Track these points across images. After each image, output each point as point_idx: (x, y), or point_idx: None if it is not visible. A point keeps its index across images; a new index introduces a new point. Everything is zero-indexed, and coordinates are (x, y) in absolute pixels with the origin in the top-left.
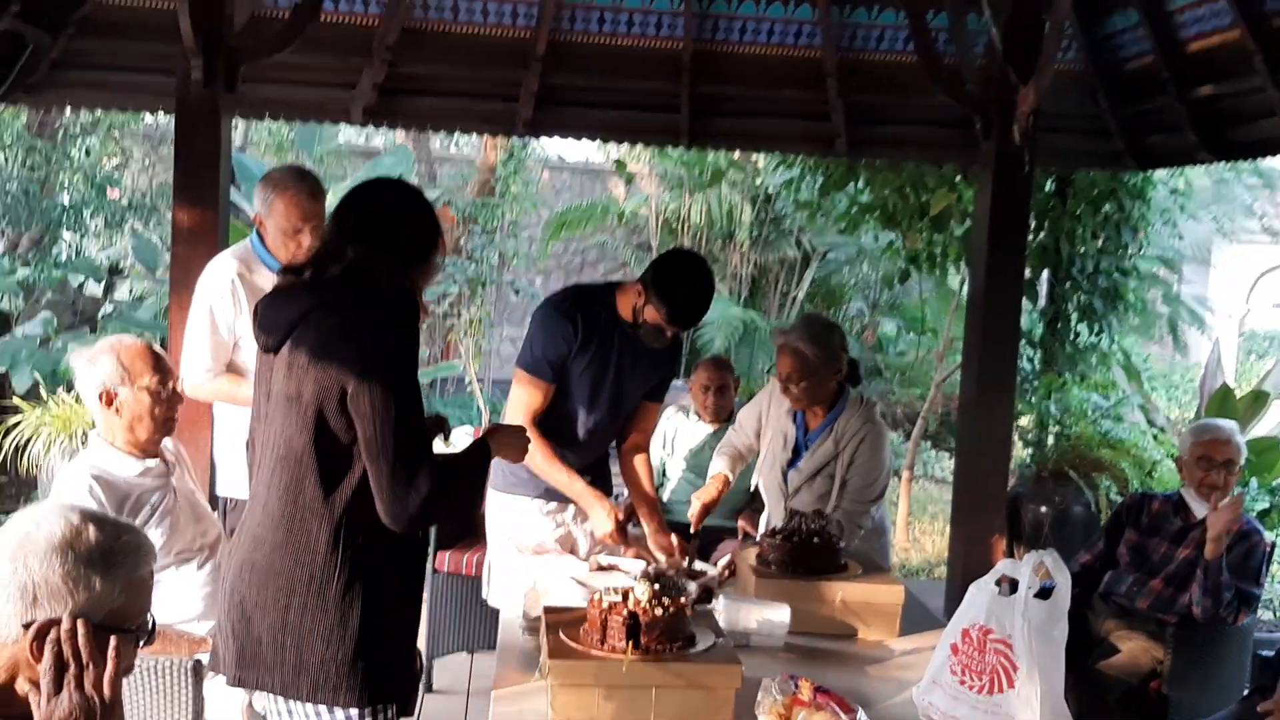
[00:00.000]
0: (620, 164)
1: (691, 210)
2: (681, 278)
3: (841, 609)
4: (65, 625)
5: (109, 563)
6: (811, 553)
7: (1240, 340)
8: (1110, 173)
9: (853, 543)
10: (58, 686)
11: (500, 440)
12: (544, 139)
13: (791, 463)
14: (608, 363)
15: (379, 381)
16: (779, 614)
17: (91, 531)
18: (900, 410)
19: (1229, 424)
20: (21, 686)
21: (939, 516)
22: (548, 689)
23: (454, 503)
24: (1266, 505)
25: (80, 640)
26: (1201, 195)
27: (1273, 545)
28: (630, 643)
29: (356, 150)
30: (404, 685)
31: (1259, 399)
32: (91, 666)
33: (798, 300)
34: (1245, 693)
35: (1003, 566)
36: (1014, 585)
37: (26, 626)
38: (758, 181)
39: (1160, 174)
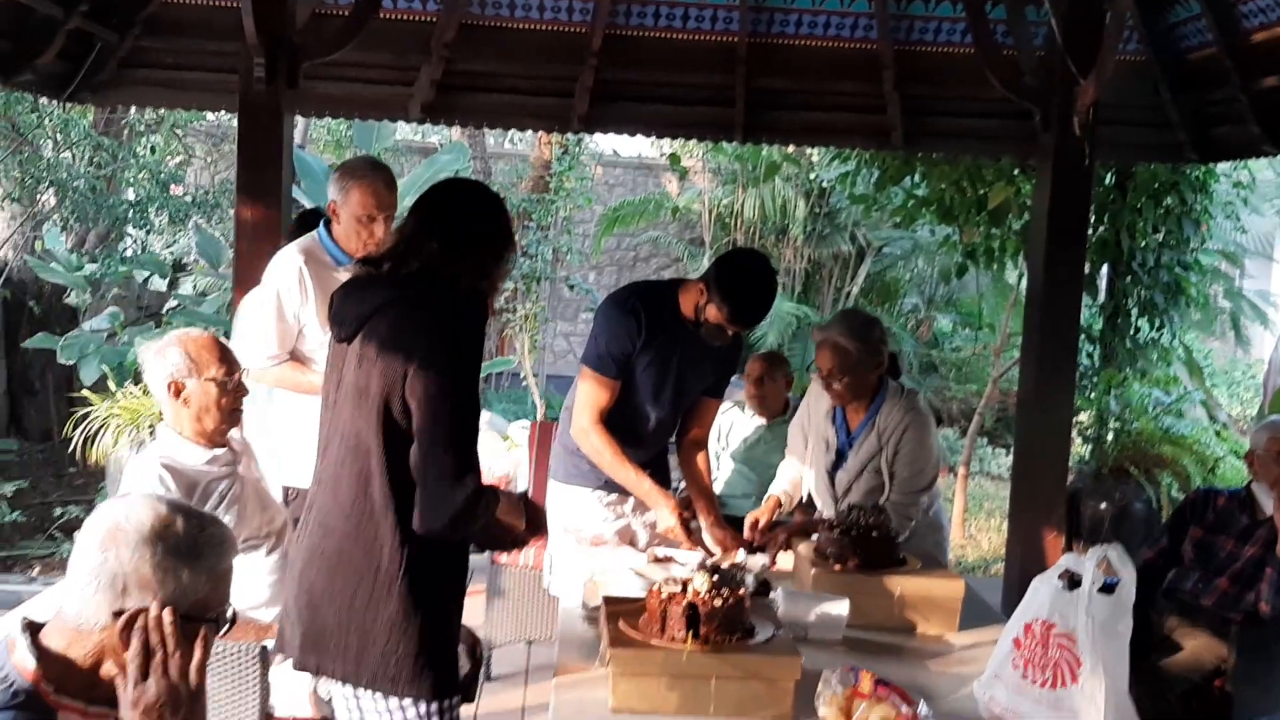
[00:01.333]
0: (674, 158)
1: (745, 205)
2: (744, 278)
3: (900, 603)
4: (153, 613)
5: (196, 554)
6: (869, 546)
7: None
8: (1171, 165)
9: (904, 535)
10: (144, 673)
11: (510, 504)
12: (598, 135)
13: (837, 464)
14: (670, 359)
15: (438, 373)
16: (838, 607)
17: (180, 523)
18: (956, 406)
19: None
20: (108, 672)
21: (995, 513)
22: (609, 677)
23: (481, 520)
24: None
25: (167, 629)
26: (1265, 188)
27: None
28: (690, 633)
29: (413, 147)
30: (464, 677)
31: None
32: (178, 655)
33: (852, 295)
34: None
35: (1066, 561)
36: (1077, 580)
37: (116, 615)
38: (812, 176)
39: (1222, 167)
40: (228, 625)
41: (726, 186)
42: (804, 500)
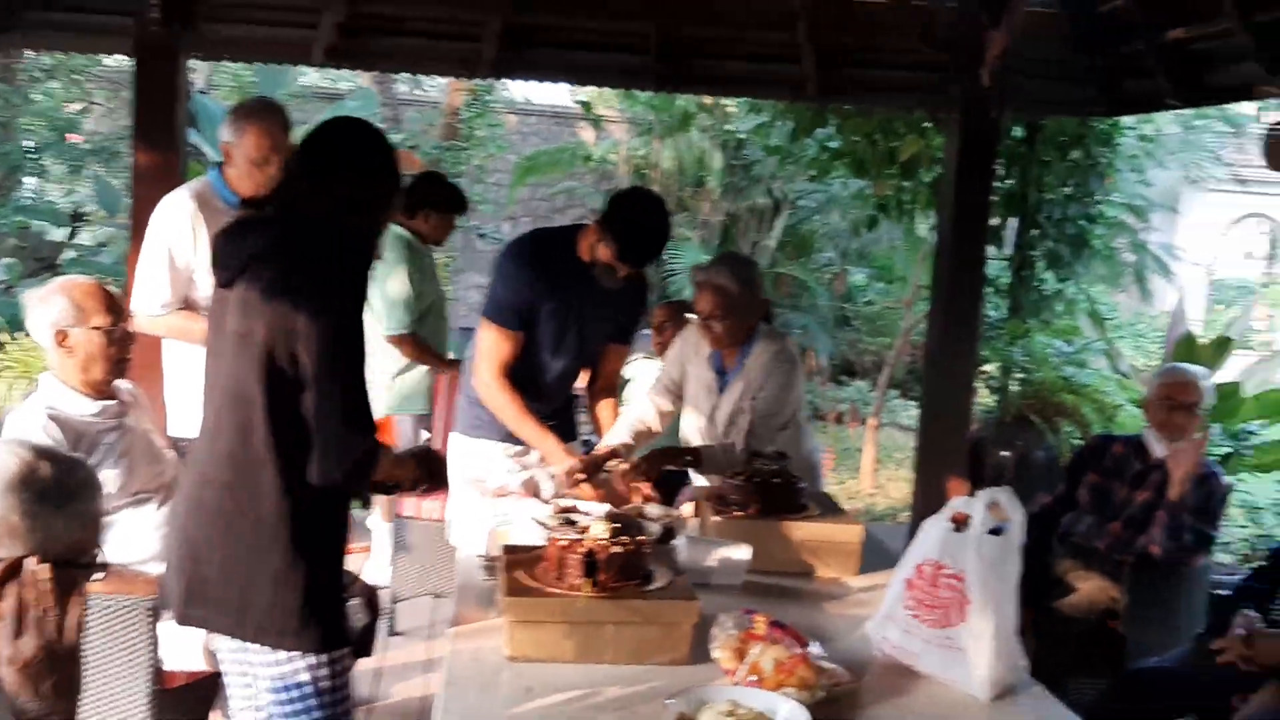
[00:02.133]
0: (586, 106)
1: (661, 156)
2: (633, 215)
3: (801, 548)
4: (27, 567)
5: (64, 498)
6: (771, 492)
7: (1209, 288)
8: (1079, 119)
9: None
10: (19, 630)
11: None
12: (511, 82)
13: (716, 405)
14: (571, 307)
15: (331, 321)
16: (739, 553)
17: (46, 468)
18: (869, 359)
19: (1197, 368)
20: None
21: (905, 463)
22: (505, 626)
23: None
24: (1229, 450)
25: (43, 584)
26: (1170, 143)
27: (1229, 488)
28: (588, 580)
29: (320, 93)
30: (361, 631)
31: (1222, 346)
32: (55, 611)
33: (769, 249)
34: (1200, 631)
35: (956, 503)
36: (967, 522)
37: None
38: (728, 127)
39: (1128, 121)
40: (101, 572)
41: (643, 137)
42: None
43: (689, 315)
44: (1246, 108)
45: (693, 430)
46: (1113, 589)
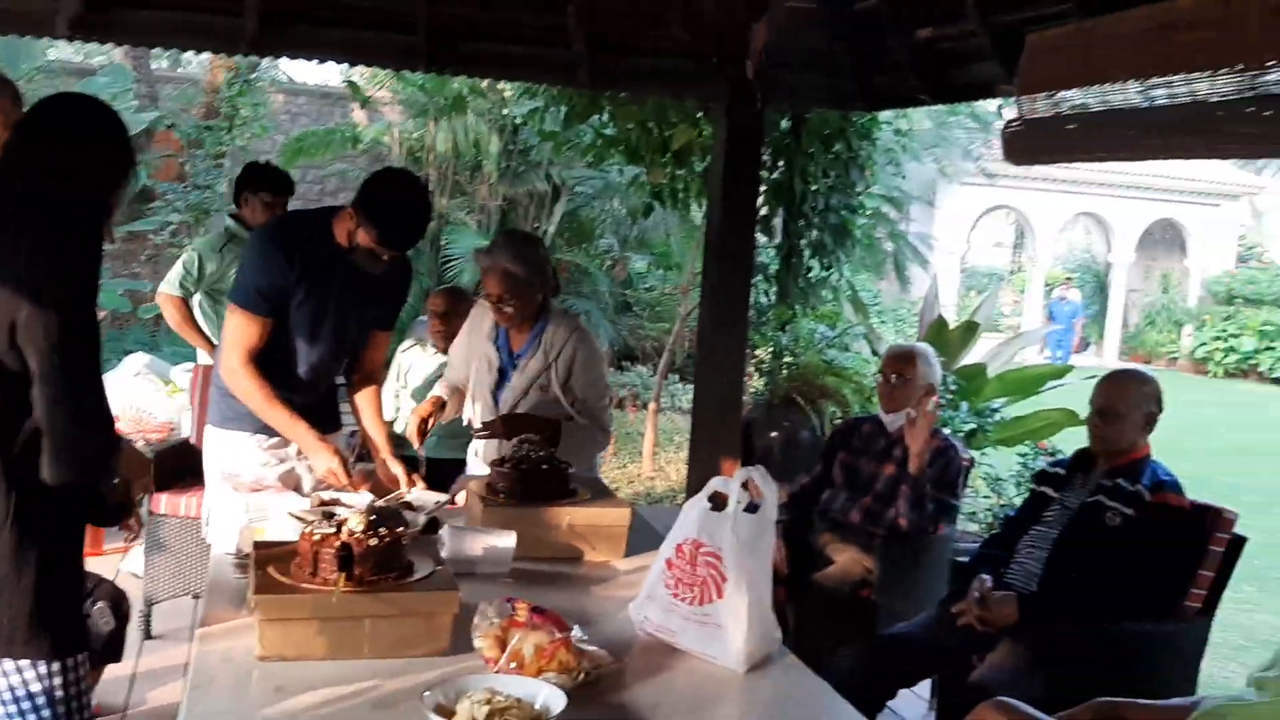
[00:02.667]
0: (354, 86)
1: (436, 139)
2: (391, 198)
3: (569, 533)
4: None
5: None
6: (541, 480)
7: (961, 276)
8: (841, 112)
9: (608, 443)
10: None
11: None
12: (277, 60)
13: (500, 384)
14: (327, 293)
15: (59, 309)
16: (504, 540)
17: None
18: (650, 345)
19: (918, 345)
20: None
21: (683, 446)
22: (255, 625)
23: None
24: (974, 426)
25: None
26: (925, 138)
27: (972, 461)
28: (342, 574)
29: (69, 69)
30: (108, 636)
31: (970, 329)
32: None
33: (548, 234)
34: (943, 597)
35: (714, 484)
36: (724, 501)
37: None
38: (504, 112)
39: (886, 115)
40: None
41: (417, 119)
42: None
43: (475, 299)
44: (993, 105)
45: (477, 411)
46: (866, 560)
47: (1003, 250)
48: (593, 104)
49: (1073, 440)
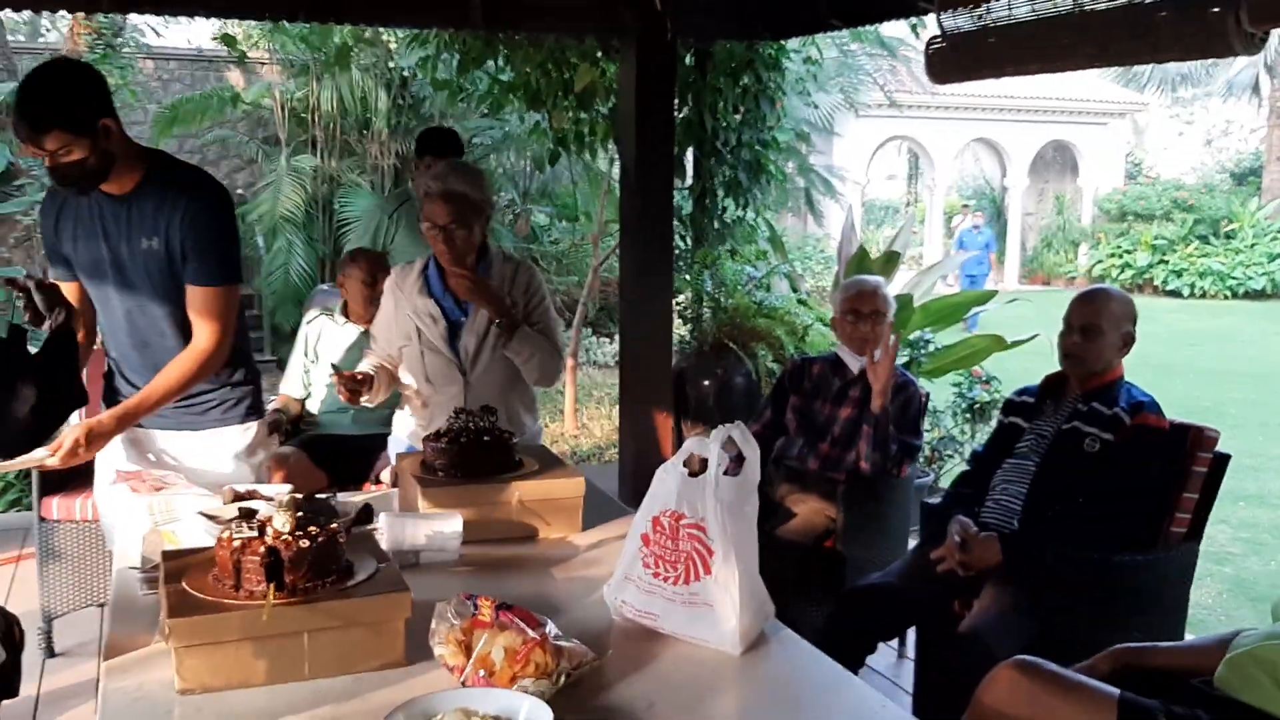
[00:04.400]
0: (228, 39)
1: (321, 98)
2: (27, 79)
3: (520, 509)
4: None
5: None
6: (482, 453)
7: (861, 209)
8: (747, 44)
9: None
10: None
11: None
12: (143, 24)
13: (453, 334)
14: (95, 234)
15: None
16: (450, 524)
17: None
18: (560, 300)
19: (876, 278)
20: None
21: (605, 400)
22: (171, 654)
23: None
24: (906, 359)
25: None
26: (828, 68)
27: (927, 396)
28: (272, 585)
29: None
30: None
31: (891, 259)
32: None
33: None
34: (917, 542)
35: (690, 445)
36: (702, 465)
37: None
38: (391, 64)
39: (793, 44)
40: None
41: (299, 79)
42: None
43: (381, 264)
44: (901, 31)
45: (422, 373)
46: (829, 509)
47: (895, 182)
48: (487, 48)
49: (998, 368)
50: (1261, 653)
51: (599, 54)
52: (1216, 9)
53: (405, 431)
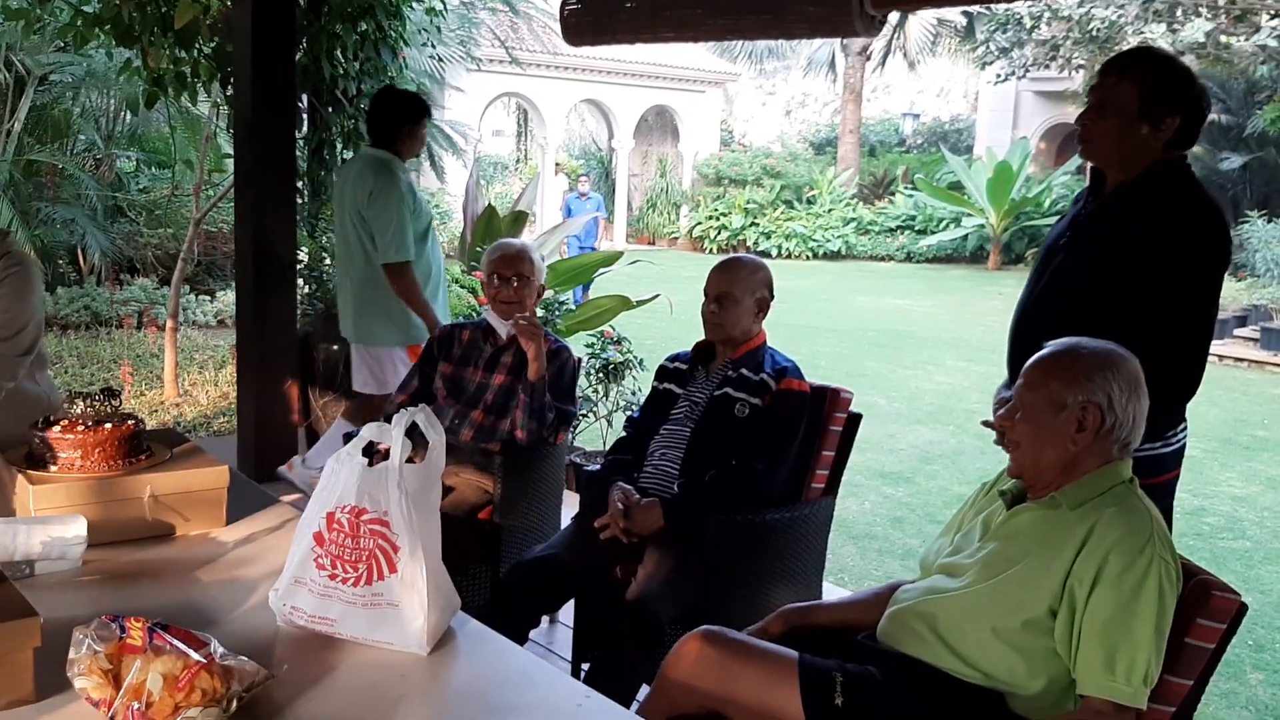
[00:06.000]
0: None
1: None
2: None
3: (154, 506)
4: None
5: None
6: (105, 440)
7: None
8: None
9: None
10: None
11: None
12: None
13: None
14: None
15: None
16: (70, 527)
17: None
18: (152, 254)
19: (524, 240)
20: None
21: (209, 365)
22: None
23: None
24: (542, 318)
25: None
26: (451, 20)
27: (580, 361)
28: None
29: None
30: None
31: (519, 219)
32: None
33: (13, 133)
34: (577, 511)
35: (368, 433)
36: (380, 453)
37: None
38: None
39: None
40: None
41: None
42: None
43: None
44: None
45: None
46: (486, 480)
47: (503, 139)
48: None
49: (628, 328)
50: (922, 607)
51: None
52: None
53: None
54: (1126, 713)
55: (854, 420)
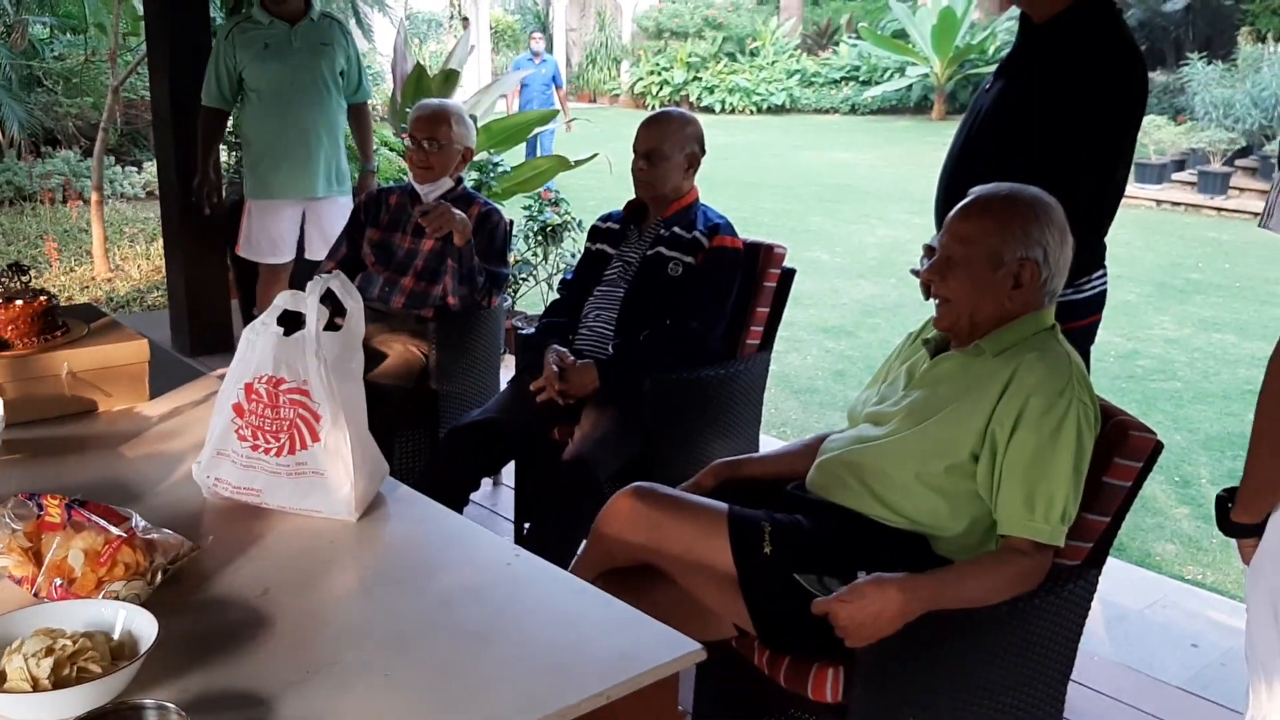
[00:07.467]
0: None
1: None
2: None
3: (72, 382)
4: None
5: None
6: (18, 319)
7: (405, 23)
8: None
9: None
10: None
11: None
12: None
13: None
14: None
15: None
16: None
17: None
18: (73, 124)
19: (446, 101)
20: None
21: (139, 238)
22: None
23: None
24: (474, 182)
25: None
26: None
27: (511, 223)
28: None
29: None
30: None
31: (450, 78)
32: None
33: None
34: (514, 374)
35: (282, 301)
36: (298, 322)
37: None
38: None
39: None
40: None
41: None
42: None
43: None
44: None
45: None
46: (421, 346)
47: None
48: None
49: (568, 189)
50: (849, 456)
51: None
52: None
53: None
54: (1045, 550)
55: (788, 275)
